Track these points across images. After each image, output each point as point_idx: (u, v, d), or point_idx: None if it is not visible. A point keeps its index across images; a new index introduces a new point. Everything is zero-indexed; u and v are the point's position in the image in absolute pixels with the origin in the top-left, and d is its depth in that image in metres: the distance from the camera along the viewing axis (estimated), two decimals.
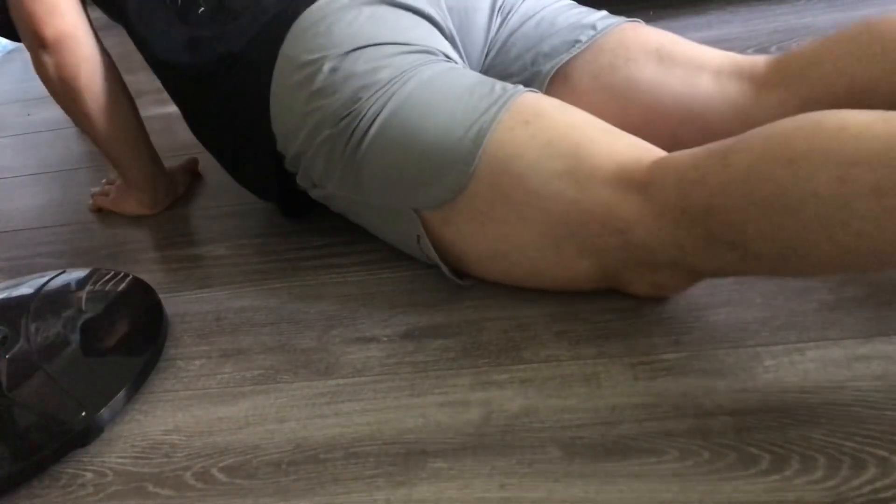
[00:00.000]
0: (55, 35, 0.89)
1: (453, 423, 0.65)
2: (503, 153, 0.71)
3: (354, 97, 0.75)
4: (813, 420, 0.60)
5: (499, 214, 0.72)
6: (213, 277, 0.91)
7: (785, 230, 0.59)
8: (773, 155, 0.59)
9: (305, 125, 0.78)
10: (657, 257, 0.68)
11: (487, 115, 0.72)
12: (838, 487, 0.55)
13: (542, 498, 0.58)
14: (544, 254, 0.72)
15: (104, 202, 1.09)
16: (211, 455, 0.67)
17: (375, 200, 0.79)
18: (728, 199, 0.61)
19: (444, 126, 0.72)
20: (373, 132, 0.75)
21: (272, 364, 0.76)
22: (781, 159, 0.58)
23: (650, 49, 0.84)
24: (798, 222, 0.58)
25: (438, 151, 0.72)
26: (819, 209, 0.56)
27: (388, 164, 0.75)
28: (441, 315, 0.78)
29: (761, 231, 0.60)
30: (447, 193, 0.73)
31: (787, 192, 0.58)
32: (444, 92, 0.74)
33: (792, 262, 0.61)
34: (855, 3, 1.25)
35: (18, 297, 0.88)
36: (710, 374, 0.65)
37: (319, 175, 0.81)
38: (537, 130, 0.71)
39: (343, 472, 0.63)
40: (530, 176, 0.70)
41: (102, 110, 0.96)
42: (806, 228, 0.58)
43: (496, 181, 0.71)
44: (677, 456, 0.59)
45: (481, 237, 0.74)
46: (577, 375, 0.68)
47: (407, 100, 0.74)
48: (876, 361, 0.63)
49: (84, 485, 0.67)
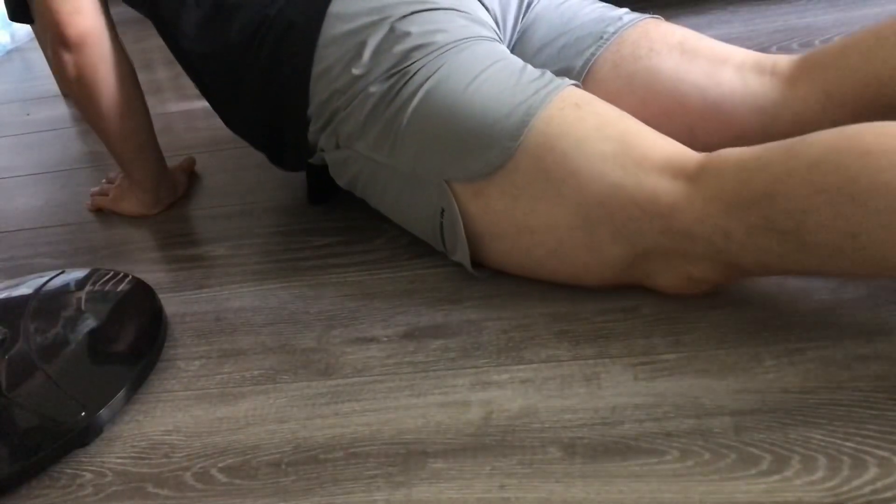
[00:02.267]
0: (78, 35, 0.89)
1: (453, 423, 0.65)
2: (550, 130, 0.71)
3: (406, 56, 0.75)
4: (813, 420, 0.60)
5: (535, 190, 0.72)
6: (212, 277, 0.91)
7: (848, 220, 0.59)
8: (846, 146, 0.60)
9: (350, 82, 0.78)
10: (696, 246, 0.67)
11: (538, 96, 0.72)
12: (839, 488, 0.55)
13: (543, 498, 0.58)
14: (574, 234, 0.72)
15: (104, 202, 1.09)
16: (210, 455, 0.67)
17: (406, 166, 0.78)
18: (793, 185, 0.61)
19: (494, 101, 0.73)
20: (420, 95, 0.75)
21: (272, 364, 0.76)
22: (854, 151, 0.59)
23: (673, 42, 0.84)
24: (863, 213, 0.58)
25: (484, 125, 0.72)
26: (888, 202, 0.57)
27: (431, 130, 0.75)
28: (441, 315, 0.77)
29: (822, 220, 0.60)
30: (487, 167, 0.73)
31: (858, 182, 0.58)
32: (497, 69, 0.75)
33: (845, 255, 0.61)
34: (856, 2, 1.25)
35: (18, 298, 0.88)
36: (711, 375, 0.65)
37: (350, 133, 0.80)
38: (587, 114, 0.72)
39: (343, 472, 0.63)
40: (575, 155, 0.70)
41: (117, 110, 0.96)
42: (869, 220, 0.58)
43: (539, 156, 0.71)
44: (678, 456, 0.59)
45: (512, 212, 0.74)
46: (577, 376, 0.68)
47: (459, 68, 0.74)
48: (876, 362, 0.63)
49: (83, 485, 0.67)
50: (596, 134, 0.70)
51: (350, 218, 0.95)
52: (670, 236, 0.68)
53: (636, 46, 0.84)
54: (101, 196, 1.10)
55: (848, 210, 0.59)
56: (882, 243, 0.59)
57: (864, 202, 0.58)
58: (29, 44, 2.01)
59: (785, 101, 0.79)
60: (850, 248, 0.60)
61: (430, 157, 0.76)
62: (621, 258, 0.71)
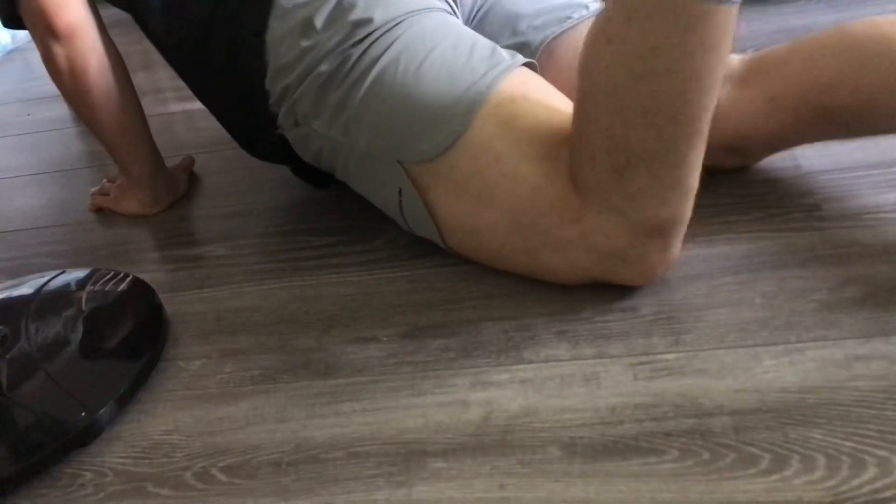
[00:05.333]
0: (67, 26, 0.89)
1: (453, 423, 0.65)
2: (485, 131, 0.71)
3: (352, 32, 0.75)
4: (812, 420, 0.60)
5: (473, 190, 0.73)
6: (213, 277, 0.91)
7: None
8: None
9: (301, 60, 0.78)
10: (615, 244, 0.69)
11: (486, 79, 0.72)
12: (838, 487, 0.55)
13: (542, 498, 0.58)
14: (509, 238, 0.73)
15: (104, 202, 1.09)
16: (211, 455, 0.67)
17: (361, 145, 0.78)
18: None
19: (442, 82, 0.73)
20: (371, 76, 0.75)
21: (272, 364, 0.76)
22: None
23: None
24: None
25: (433, 106, 0.73)
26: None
27: (382, 109, 0.75)
28: (441, 315, 0.78)
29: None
30: (433, 150, 0.73)
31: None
32: (445, 46, 0.75)
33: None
34: (854, 3, 1.25)
35: (18, 298, 0.88)
36: (710, 374, 0.65)
37: (305, 112, 0.80)
38: (522, 111, 0.72)
39: (343, 472, 0.63)
40: (506, 157, 0.71)
41: (110, 103, 0.96)
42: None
43: (474, 155, 0.72)
44: (677, 456, 0.59)
45: (456, 210, 0.75)
46: (577, 375, 0.68)
47: (408, 46, 0.74)
48: (876, 362, 0.63)
49: (84, 485, 0.67)
50: (526, 135, 0.71)
51: (350, 218, 0.95)
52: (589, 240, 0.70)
53: None
54: (101, 196, 1.10)
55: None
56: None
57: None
58: (29, 44, 2.01)
59: (733, 101, 0.80)
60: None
61: (383, 137, 0.76)
62: (563, 267, 0.73)
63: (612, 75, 0.62)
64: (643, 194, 0.66)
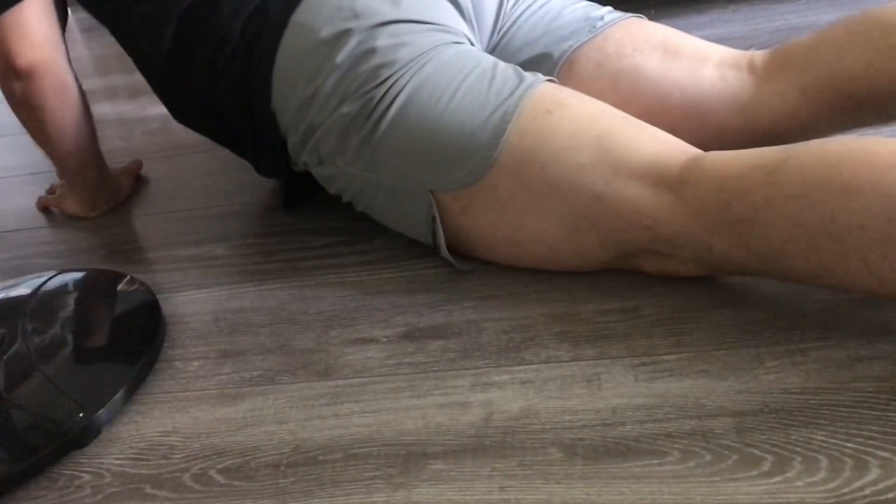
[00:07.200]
0: (27, 65, 0.88)
1: (453, 424, 0.65)
2: (526, 144, 0.71)
3: (374, 74, 0.75)
4: (815, 421, 0.59)
5: (519, 205, 0.73)
6: (211, 278, 0.90)
7: (824, 254, 0.60)
8: (825, 180, 0.60)
9: (321, 99, 0.77)
10: (682, 252, 0.70)
11: (510, 100, 0.72)
12: (840, 489, 0.54)
13: (543, 500, 0.58)
14: (562, 244, 0.74)
15: (48, 200, 1.12)
16: (209, 456, 0.67)
17: (388, 180, 0.78)
18: (772, 216, 0.62)
19: (467, 109, 0.73)
20: (393, 112, 0.74)
21: (271, 365, 0.76)
22: (834, 188, 0.59)
23: (656, 42, 0.85)
24: (840, 249, 0.59)
25: (461, 134, 0.73)
26: (863, 241, 0.58)
27: (408, 144, 0.75)
28: (441, 315, 0.77)
29: (799, 250, 0.61)
30: (469, 177, 0.73)
31: (835, 221, 0.59)
32: (465, 75, 0.75)
33: (822, 280, 0.63)
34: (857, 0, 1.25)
35: (15, 298, 0.87)
36: (712, 375, 0.65)
37: (330, 151, 0.80)
38: (560, 120, 0.72)
39: (342, 473, 0.63)
40: (554, 168, 0.71)
41: (63, 136, 0.96)
42: (846, 255, 0.59)
43: (518, 171, 0.72)
44: (679, 457, 0.59)
45: (498, 225, 0.75)
46: (577, 376, 0.67)
47: (427, 80, 0.74)
48: (878, 362, 0.63)
49: (81, 486, 0.67)
50: (571, 142, 0.71)
51: (350, 218, 0.95)
52: (656, 244, 0.70)
53: (620, 45, 0.85)
54: (48, 196, 1.13)
55: (825, 245, 0.60)
56: (855, 275, 0.60)
57: (841, 241, 0.59)
58: None
59: (762, 97, 0.80)
60: (827, 275, 0.62)
61: (411, 171, 0.76)
62: (609, 259, 0.74)
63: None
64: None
